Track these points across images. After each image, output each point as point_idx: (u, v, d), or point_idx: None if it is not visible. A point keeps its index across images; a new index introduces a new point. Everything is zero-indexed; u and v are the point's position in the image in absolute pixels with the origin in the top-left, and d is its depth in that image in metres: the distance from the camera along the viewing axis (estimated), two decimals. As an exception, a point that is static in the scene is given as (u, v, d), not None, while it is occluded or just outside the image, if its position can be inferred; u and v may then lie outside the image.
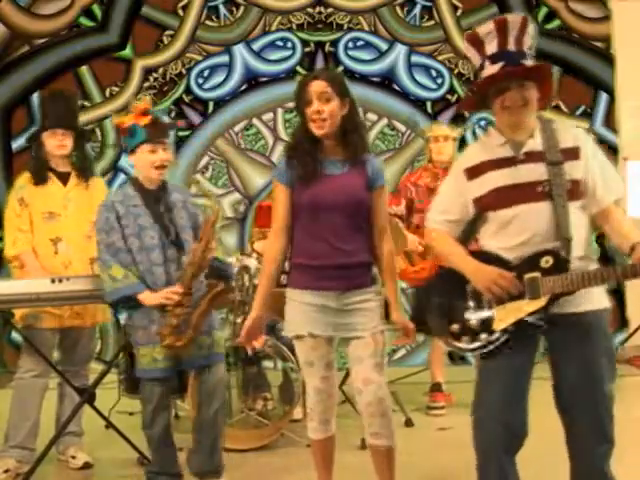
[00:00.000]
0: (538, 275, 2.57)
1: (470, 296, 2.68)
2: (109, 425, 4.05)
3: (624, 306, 6.55)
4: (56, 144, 3.98)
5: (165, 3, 6.72)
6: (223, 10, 6.76)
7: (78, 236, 3.95)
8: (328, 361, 3.03)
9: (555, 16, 6.81)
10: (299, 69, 6.72)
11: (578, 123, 6.36)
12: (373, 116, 6.74)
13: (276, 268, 3.02)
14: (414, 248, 4.85)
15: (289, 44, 6.78)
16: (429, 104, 6.80)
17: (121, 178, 6.43)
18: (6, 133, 6.57)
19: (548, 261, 2.56)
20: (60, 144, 3.98)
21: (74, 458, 4.05)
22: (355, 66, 6.79)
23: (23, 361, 3.96)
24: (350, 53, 6.80)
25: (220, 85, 6.74)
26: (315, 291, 2.97)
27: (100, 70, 6.65)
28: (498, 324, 2.62)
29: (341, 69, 6.67)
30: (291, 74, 6.67)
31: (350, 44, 6.80)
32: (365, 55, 6.81)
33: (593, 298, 2.62)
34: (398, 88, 6.80)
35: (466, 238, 2.79)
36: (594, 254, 2.69)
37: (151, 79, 6.69)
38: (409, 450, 3.22)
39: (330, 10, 6.78)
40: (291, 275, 3.05)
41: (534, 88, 2.61)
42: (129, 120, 3.50)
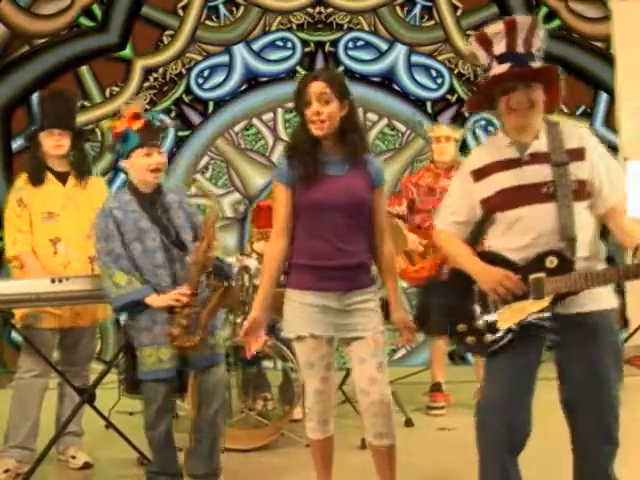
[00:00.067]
0: (543, 275, 2.58)
1: (476, 297, 2.70)
2: (109, 425, 4.05)
3: (624, 306, 6.54)
4: (53, 144, 3.96)
5: (165, 3, 6.72)
6: (223, 10, 6.76)
7: (77, 236, 3.94)
8: (328, 362, 3.02)
9: (555, 16, 6.81)
10: (299, 69, 6.73)
11: (578, 123, 6.36)
12: (373, 116, 6.74)
13: (277, 269, 3.02)
14: (414, 248, 4.89)
15: (289, 44, 6.77)
16: (429, 104, 6.80)
17: (121, 178, 6.41)
18: (6, 133, 6.57)
19: (553, 262, 2.57)
20: (57, 144, 3.97)
21: (74, 458, 4.04)
22: (355, 66, 6.78)
23: (23, 361, 3.96)
24: (350, 53, 6.80)
25: (220, 85, 6.74)
26: (316, 292, 2.96)
27: (100, 70, 6.65)
28: (502, 324, 2.64)
29: (341, 69, 6.67)
30: (291, 74, 6.68)
31: (350, 44, 6.80)
32: (365, 55, 6.81)
33: (599, 298, 2.62)
34: (398, 88, 6.80)
35: (474, 239, 2.80)
36: (601, 254, 2.69)
37: (151, 79, 6.69)
38: (409, 450, 3.22)
39: (330, 10, 6.78)
40: (291, 275, 3.03)
41: (540, 90, 2.61)
42: (121, 125, 3.48)
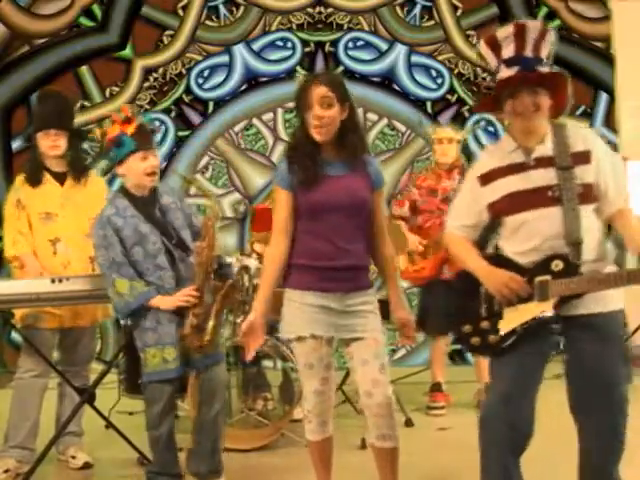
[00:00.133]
0: (548, 278, 2.60)
1: (483, 298, 2.73)
2: (109, 425, 4.05)
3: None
4: (49, 145, 3.94)
5: (165, 3, 6.72)
6: (223, 10, 6.76)
7: (77, 236, 3.92)
8: (328, 362, 3.01)
9: (555, 16, 6.80)
10: (299, 69, 6.73)
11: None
12: (373, 116, 6.74)
13: (277, 272, 3.00)
14: (414, 248, 4.96)
15: (289, 44, 6.78)
16: (429, 104, 6.80)
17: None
18: (6, 133, 6.58)
19: (558, 265, 2.59)
20: (53, 144, 3.94)
21: (74, 458, 4.04)
22: (355, 66, 6.78)
23: (23, 361, 3.95)
24: (350, 53, 6.80)
25: (220, 85, 6.75)
26: (317, 292, 2.96)
27: (100, 70, 6.65)
28: (507, 325, 2.66)
29: (341, 69, 6.68)
30: (291, 74, 6.68)
31: (350, 44, 6.80)
32: (365, 55, 6.81)
33: (606, 299, 2.62)
34: (398, 88, 6.80)
35: (483, 242, 2.82)
36: (608, 256, 2.69)
37: (151, 79, 6.70)
38: (409, 450, 3.21)
39: (330, 10, 6.78)
40: (291, 276, 3.02)
41: (547, 95, 2.62)
42: (114, 130, 3.45)
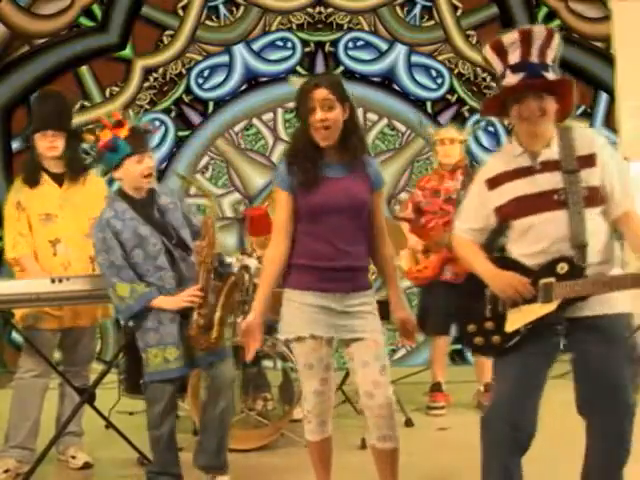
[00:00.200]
0: (552, 280, 2.61)
1: (488, 300, 2.75)
2: (109, 425, 4.05)
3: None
4: (46, 145, 3.92)
5: (165, 3, 6.73)
6: (223, 10, 6.76)
7: (77, 236, 3.92)
8: (327, 363, 3.01)
9: (555, 16, 6.81)
10: (299, 69, 6.73)
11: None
12: (373, 116, 6.74)
13: (276, 273, 3.00)
14: (414, 246, 5.00)
15: (289, 44, 6.78)
16: (429, 104, 6.80)
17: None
18: (6, 133, 6.58)
19: (563, 268, 2.60)
20: (50, 145, 3.92)
21: (74, 458, 4.04)
22: (355, 66, 6.78)
23: (23, 361, 3.95)
24: (350, 53, 6.80)
25: (220, 85, 6.75)
26: (317, 292, 2.95)
27: (100, 70, 6.66)
28: (511, 326, 2.68)
29: (341, 69, 6.68)
30: (291, 74, 6.68)
31: (350, 44, 6.80)
32: (365, 55, 6.81)
33: (611, 302, 2.62)
34: (398, 88, 6.80)
35: (490, 246, 2.85)
36: (615, 259, 2.68)
37: (151, 79, 6.70)
38: (409, 450, 3.21)
39: (330, 10, 6.79)
40: (291, 276, 3.02)
41: (552, 99, 2.63)
42: (106, 135, 3.44)
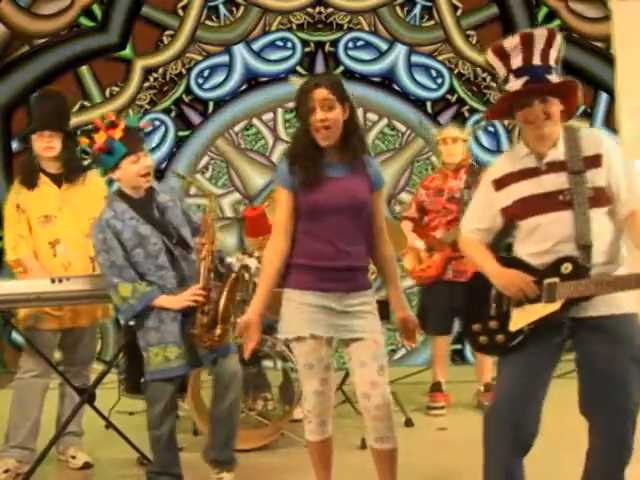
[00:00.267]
0: (556, 280, 2.62)
1: (493, 299, 2.76)
2: (109, 425, 4.05)
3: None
4: (43, 146, 3.91)
5: (165, 3, 6.73)
6: (223, 10, 6.76)
7: (76, 236, 3.92)
8: (327, 363, 3.01)
9: (555, 16, 6.81)
10: (299, 69, 6.73)
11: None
12: (373, 116, 6.74)
13: (276, 271, 3.00)
14: (414, 245, 5.02)
15: (289, 44, 6.78)
16: (429, 104, 6.80)
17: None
18: (6, 133, 6.58)
19: (567, 268, 2.61)
20: (47, 146, 3.91)
21: (74, 458, 4.04)
22: (355, 66, 6.78)
23: (24, 361, 3.95)
24: (350, 53, 6.80)
25: (220, 85, 6.75)
26: (317, 292, 2.95)
27: (100, 70, 6.66)
28: (515, 325, 2.69)
29: (341, 69, 6.68)
30: (291, 74, 6.68)
31: (350, 44, 6.80)
32: (365, 55, 6.81)
33: (616, 302, 2.62)
34: (398, 88, 6.80)
35: (496, 246, 2.86)
36: (621, 260, 2.68)
37: (151, 79, 6.70)
38: (409, 450, 3.21)
39: (330, 10, 6.78)
40: (290, 276, 3.02)
41: (557, 102, 2.65)
42: (101, 137, 3.44)
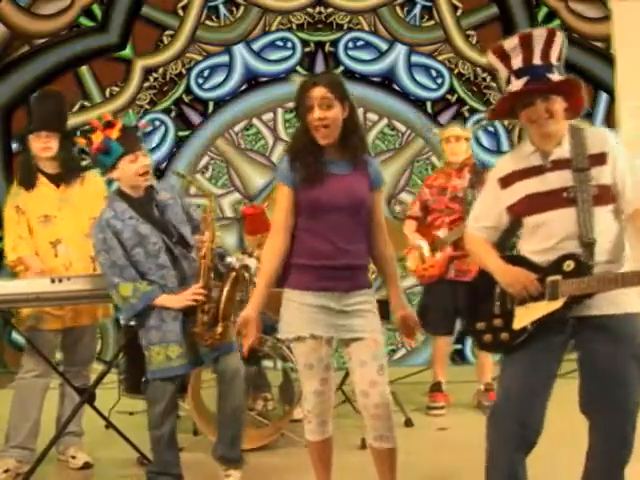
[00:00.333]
0: (559, 278, 2.62)
1: (497, 297, 2.77)
2: (109, 425, 4.05)
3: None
4: (41, 146, 3.91)
5: (165, 3, 6.73)
6: (223, 10, 6.76)
7: (77, 236, 3.92)
8: (327, 363, 3.01)
9: (555, 16, 6.81)
10: (299, 69, 6.73)
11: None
12: (373, 116, 6.74)
13: (274, 268, 3.00)
14: (418, 245, 5.01)
15: (289, 44, 6.78)
16: (429, 104, 6.80)
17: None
18: (6, 133, 6.58)
19: (570, 265, 2.61)
20: (45, 146, 3.91)
21: (74, 458, 4.04)
22: (355, 66, 6.79)
23: (25, 361, 3.95)
24: (350, 53, 6.80)
25: (220, 85, 6.75)
26: (316, 292, 2.95)
27: (100, 70, 6.66)
28: (518, 323, 2.70)
29: (341, 69, 6.68)
30: (291, 74, 6.68)
31: (350, 44, 6.80)
32: (365, 55, 6.81)
33: (619, 302, 2.62)
34: (398, 88, 6.80)
35: (502, 244, 2.87)
36: (626, 258, 2.67)
37: (151, 79, 6.70)
38: (409, 450, 3.22)
39: (330, 10, 6.79)
40: (290, 276, 3.02)
41: (560, 100, 2.64)
42: (98, 138, 3.43)
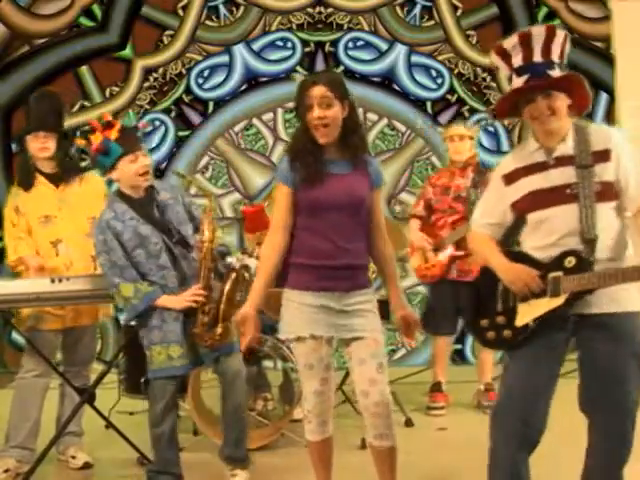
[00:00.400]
0: (560, 274, 2.62)
1: (499, 294, 2.78)
2: (109, 425, 4.05)
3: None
4: (38, 147, 3.91)
5: (165, 3, 6.73)
6: (223, 10, 6.76)
7: (77, 235, 3.92)
8: (328, 362, 3.01)
9: (555, 16, 6.81)
10: (299, 69, 6.73)
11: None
12: (373, 116, 6.74)
13: (273, 265, 2.99)
14: (422, 245, 5.00)
15: (289, 44, 6.78)
16: (429, 104, 6.80)
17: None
18: (6, 133, 6.57)
19: (571, 261, 2.62)
20: (42, 146, 3.91)
21: (74, 458, 4.04)
22: (355, 66, 6.79)
23: (26, 362, 3.95)
24: (350, 53, 6.80)
25: (220, 85, 6.75)
26: (315, 292, 2.95)
27: (100, 70, 6.66)
28: (521, 320, 2.70)
29: (341, 69, 6.68)
30: (291, 74, 6.68)
31: (350, 44, 6.80)
32: (365, 55, 6.81)
33: (620, 300, 2.62)
34: (398, 88, 6.80)
35: (506, 241, 2.88)
36: (628, 255, 2.67)
37: (151, 79, 6.70)
38: (409, 450, 3.22)
39: (330, 10, 6.78)
40: (290, 275, 3.02)
41: (562, 96, 2.64)
42: (97, 138, 3.43)
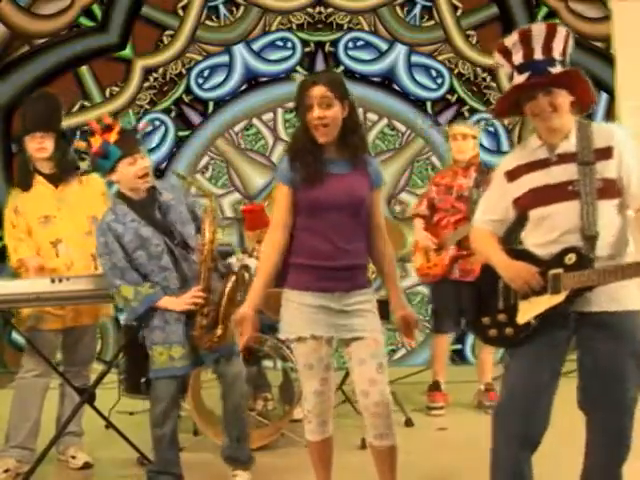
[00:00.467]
0: (560, 271, 2.63)
1: (501, 292, 2.78)
2: (109, 425, 4.05)
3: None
4: (36, 147, 3.91)
5: (165, 3, 6.73)
6: (223, 10, 6.76)
7: (77, 235, 3.92)
8: (327, 362, 3.01)
9: (555, 16, 6.80)
10: (299, 69, 6.73)
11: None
12: (373, 116, 6.74)
13: (273, 265, 2.99)
14: (426, 245, 5.01)
15: (289, 44, 6.78)
16: (429, 104, 6.81)
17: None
18: (6, 133, 6.57)
19: (571, 258, 2.62)
20: (40, 147, 3.91)
21: (74, 458, 4.04)
22: (355, 66, 6.79)
23: (26, 362, 3.95)
24: (350, 53, 6.80)
25: (220, 85, 6.75)
26: (315, 292, 2.95)
27: (100, 70, 6.66)
28: (522, 317, 2.71)
29: (341, 69, 6.68)
30: (291, 74, 6.68)
31: (350, 44, 6.80)
32: (365, 55, 6.81)
33: (620, 299, 2.62)
34: (398, 88, 6.80)
35: (508, 239, 2.89)
36: (629, 252, 2.67)
37: (151, 79, 6.70)
38: (409, 450, 3.22)
39: (330, 10, 6.79)
40: (289, 275, 3.02)
41: (563, 93, 2.64)
42: (97, 141, 3.44)
